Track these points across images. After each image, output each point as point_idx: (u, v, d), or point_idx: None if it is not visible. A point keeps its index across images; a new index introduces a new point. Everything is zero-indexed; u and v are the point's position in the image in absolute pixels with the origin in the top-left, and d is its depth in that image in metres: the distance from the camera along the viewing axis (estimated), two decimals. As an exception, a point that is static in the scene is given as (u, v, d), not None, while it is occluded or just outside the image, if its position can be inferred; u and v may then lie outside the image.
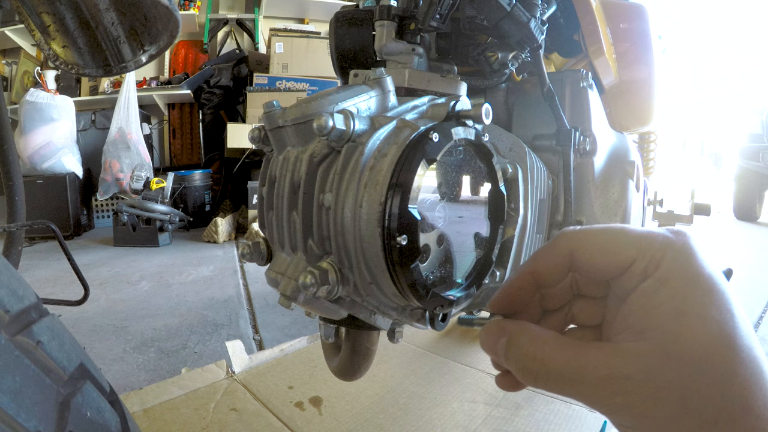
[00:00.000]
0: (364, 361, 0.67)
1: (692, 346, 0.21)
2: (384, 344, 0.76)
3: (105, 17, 0.55)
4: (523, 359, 0.24)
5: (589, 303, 0.27)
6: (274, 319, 1.66)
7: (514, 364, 0.25)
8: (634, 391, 0.21)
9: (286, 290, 0.46)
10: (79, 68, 0.62)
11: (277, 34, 3.72)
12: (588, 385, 0.22)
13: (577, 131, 0.70)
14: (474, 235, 0.51)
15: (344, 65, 0.67)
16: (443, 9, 0.55)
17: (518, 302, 0.28)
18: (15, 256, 0.77)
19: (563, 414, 0.94)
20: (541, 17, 0.62)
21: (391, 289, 0.42)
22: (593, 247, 0.25)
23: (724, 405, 0.20)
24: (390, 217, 0.39)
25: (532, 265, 0.27)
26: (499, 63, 0.65)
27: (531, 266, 0.27)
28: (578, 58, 0.89)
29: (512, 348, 0.25)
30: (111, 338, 1.49)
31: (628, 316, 0.23)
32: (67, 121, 3.23)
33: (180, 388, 1.01)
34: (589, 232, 0.26)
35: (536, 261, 0.27)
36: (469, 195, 0.51)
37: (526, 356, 0.24)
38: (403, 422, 0.92)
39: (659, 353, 0.21)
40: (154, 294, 1.96)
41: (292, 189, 0.47)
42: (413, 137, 0.42)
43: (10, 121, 0.77)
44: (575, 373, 0.23)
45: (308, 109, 0.44)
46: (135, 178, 3.20)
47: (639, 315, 0.23)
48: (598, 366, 0.22)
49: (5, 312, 0.27)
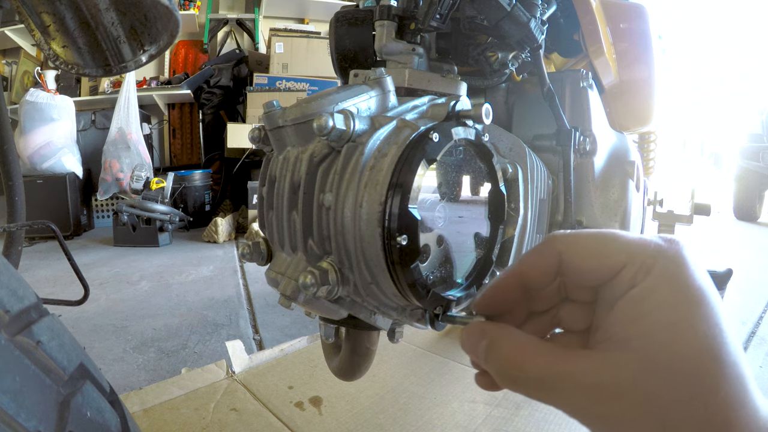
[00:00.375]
0: (364, 361, 0.67)
1: (678, 357, 0.20)
2: (384, 344, 0.76)
3: (105, 17, 0.55)
4: (503, 363, 0.24)
5: (577, 307, 0.27)
6: (274, 319, 1.66)
7: (494, 367, 0.25)
8: (615, 401, 0.21)
9: (287, 290, 0.46)
10: (79, 68, 0.62)
11: (277, 34, 3.72)
12: (567, 392, 0.22)
13: (577, 131, 0.70)
14: (474, 235, 0.51)
15: (344, 65, 0.67)
16: (443, 9, 0.55)
17: (504, 303, 0.27)
18: (15, 256, 0.77)
19: (563, 414, 0.93)
20: (541, 17, 0.62)
21: (391, 289, 0.42)
22: (582, 251, 0.25)
23: (707, 419, 0.20)
24: (390, 217, 0.39)
25: (520, 267, 0.27)
26: (499, 63, 0.66)
27: (518, 268, 0.27)
28: (578, 58, 0.89)
29: (492, 352, 0.25)
30: (111, 338, 1.49)
31: (614, 324, 0.23)
32: (67, 121, 3.23)
33: (180, 388, 1.01)
34: (579, 235, 0.25)
35: (524, 263, 0.27)
36: (469, 195, 0.50)
37: (506, 360, 0.24)
38: (403, 422, 0.92)
39: (643, 363, 0.21)
40: (154, 294, 1.96)
41: (292, 189, 0.47)
42: (413, 137, 0.42)
43: (10, 121, 0.77)
44: (554, 380, 0.22)
45: (308, 109, 0.45)
46: (135, 178, 3.20)
47: (625, 323, 0.22)
48: (578, 374, 0.22)
49: (5, 312, 0.27)
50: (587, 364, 0.22)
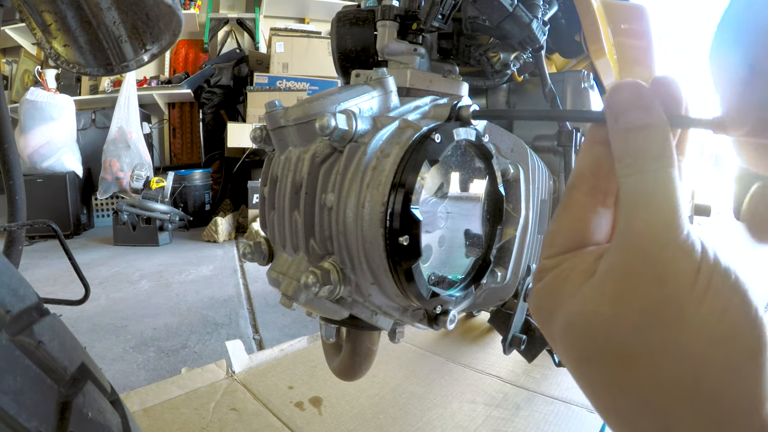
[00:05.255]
0: (364, 361, 0.67)
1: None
2: (384, 345, 0.76)
3: (107, 16, 0.55)
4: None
5: None
6: (274, 318, 1.66)
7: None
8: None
9: (288, 290, 0.46)
10: (81, 67, 0.62)
11: (277, 34, 3.72)
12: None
13: (578, 132, 0.69)
14: (465, 231, 0.51)
15: (346, 65, 0.67)
16: (445, 9, 0.55)
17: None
18: (16, 255, 0.77)
19: (563, 414, 0.93)
20: (542, 18, 0.62)
21: (393, 289, 0.42)
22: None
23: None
24: (392, 217, 0.39)
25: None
26: (501, 63, 0.65)
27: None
28: (579, 59, 0.89)
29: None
30: (111, 337, 1.49)
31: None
32: (67, 120, 3.22)
33: (180, 388, 1.00)
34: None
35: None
36: (469, 194, 0.50)
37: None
38: (403, 422, 0.92)
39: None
40: (154, 293, 1.96)
41: (294, 189, 0.47)
42: (415, 138, 0.42)
43: (11, 120, 0.77)
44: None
45: (310, 108, 0.44)
46: (135, 178, 3.19)
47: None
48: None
49: (6, 312, 0.27)
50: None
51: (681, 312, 0.20)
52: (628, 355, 0.21)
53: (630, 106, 0.23)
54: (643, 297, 0.20)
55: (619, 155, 0.23)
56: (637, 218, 0.21)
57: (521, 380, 1.07)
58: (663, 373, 0.20)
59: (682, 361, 0.19)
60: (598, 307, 0.21)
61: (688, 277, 0.20)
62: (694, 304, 0.20)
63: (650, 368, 0.20)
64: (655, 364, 0.20)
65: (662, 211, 0.21)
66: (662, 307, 0.20)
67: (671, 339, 0.20)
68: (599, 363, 0.22)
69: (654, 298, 0.20)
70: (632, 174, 0.22)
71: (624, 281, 0.21)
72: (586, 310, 0.22)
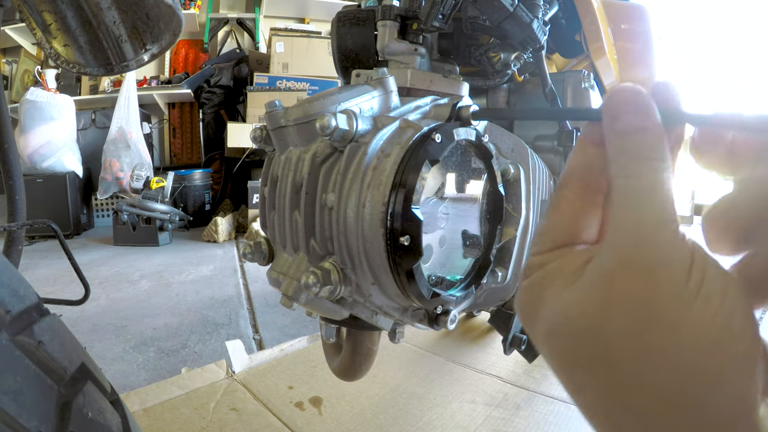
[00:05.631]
0: (365, 362, 0.67)
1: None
2: (384, 345, 0.76)
3: (107, 16, 0.55)
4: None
5: None
6: (274, 318, 1.66)
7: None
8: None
9: (288, 290, 0.46)
10: (81, 67, 0.62)
11: (277, 34, 3.72)
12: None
13: (578, 132, 0.69)
14: (462, 232, 0.51)
15: (346, 65, 0.67)
16: (446, 9, 0.55)
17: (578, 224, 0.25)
18: (15, 255, 0.77)
19: (563, 415, 0.93)
20: (543, 18, 0.61)
21: (393, 289, 0.42)
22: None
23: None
24: (393, 217, 0.39)
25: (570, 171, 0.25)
26: (501, 63, 0.65)
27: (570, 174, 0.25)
28: (580, 59, 0.89)
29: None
30: (111, 337, 1.49)
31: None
32: (67, 120, 3.22)
33: (180, 388, 1.00)
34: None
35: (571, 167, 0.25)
36: (469, 194, 0.50)
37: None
38: (403, 422, 0.92)
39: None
40: (153, 293, 1.96)
41: (294, 189, 0.47)
42: (416, 138, 0.42)
43: (11, 120, 0.77)
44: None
45: (311, 108, 0.44)
46: (135, 178, 3.19)
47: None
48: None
49: (6, 312, 0.27)
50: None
51: (669, 316, 0.19)
52: (614, 359, 0.20)
53: (628, 109, 0.23)
54: (632, 298, 0.20)
55: (615, 156, 0.23)
56: (629, 218, 0.21)
57: (521, 380, 1.07)
58: (648, 378, 0.19)
59: (668, 367, 0.19)
60: (585, 308, 0.21)
61: (678, 279, 0.19)
62: (683, 309, 0.19)
63: (635, 373, 0.20)
64: (640, 369, 0.20)
65: (655, 212, 0.21)
66: (650, 310, 0.19)
67: (658, 344, 0.19)
68: (583, 366, 0.21)
69: (643, 301, 0.20)
70: (627, 175, 0.22)
71: (613, 281, 0.21)
72: (572, 312, 0.22)
